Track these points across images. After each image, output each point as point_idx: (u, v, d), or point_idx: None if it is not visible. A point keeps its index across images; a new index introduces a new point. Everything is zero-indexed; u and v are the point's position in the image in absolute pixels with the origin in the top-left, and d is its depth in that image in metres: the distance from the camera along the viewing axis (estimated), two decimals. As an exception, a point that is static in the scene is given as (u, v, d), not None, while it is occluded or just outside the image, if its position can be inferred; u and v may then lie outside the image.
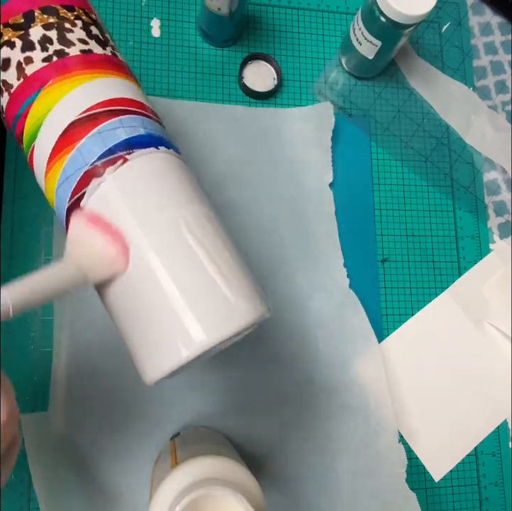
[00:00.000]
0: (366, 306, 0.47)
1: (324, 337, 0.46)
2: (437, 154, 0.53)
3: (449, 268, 0.51)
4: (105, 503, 0.40)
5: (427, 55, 0.55)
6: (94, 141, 0.28)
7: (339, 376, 0.46)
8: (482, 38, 0.57)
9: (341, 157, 0.50)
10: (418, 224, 0.51)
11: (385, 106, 0.53)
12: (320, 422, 0.45)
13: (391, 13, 0.43)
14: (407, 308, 0.49)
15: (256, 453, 0.43)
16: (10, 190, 0.44)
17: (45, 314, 0.43)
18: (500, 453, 0.49)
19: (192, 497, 0.28)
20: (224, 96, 0.50)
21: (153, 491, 0.32)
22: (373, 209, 0.51)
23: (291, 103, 0.51)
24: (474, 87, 0.56)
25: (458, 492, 0.47)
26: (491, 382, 0.49)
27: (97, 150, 0.28)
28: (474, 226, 0.53)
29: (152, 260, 0.27)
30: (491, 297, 0.51)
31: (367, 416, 0.45)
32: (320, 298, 0.47)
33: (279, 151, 0.49)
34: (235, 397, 0.44)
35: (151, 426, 0.42)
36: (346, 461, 0.45)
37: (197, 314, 0.26)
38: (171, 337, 0.26)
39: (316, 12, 0.53)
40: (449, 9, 0.57)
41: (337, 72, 0.53)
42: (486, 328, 0.50)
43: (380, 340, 0.48)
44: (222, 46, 0.50)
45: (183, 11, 0.51)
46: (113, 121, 0.29)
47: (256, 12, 0.52)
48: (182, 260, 0.27)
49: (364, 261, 0.49)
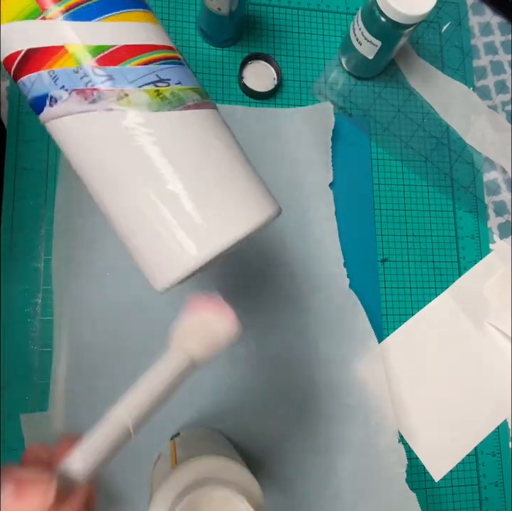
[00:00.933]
0: (366, 306, 0.47)
1: (324, 337, 0.46)
2: (437, 154, 0.53)
3: (449, 268, 0.51)
4: (105, 503, 0.40)
5: (427, 55, 0.55)
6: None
7: (339, 376, 0.46)
8: (482, 38, 0.57)
9: (341, 157, 0.50)
10: (418, 224, 0.51)
11: (385, 106, 0.53)
12: (320, 422, 0.45)
13: (391, 13, 0.43)
14: (407, 308, 0.49)
15: (256, 453, 0.43)
16: (11, 190, 0.44)
17: (45, 315, 0.43)
18: (500, 453, 0.49)
19: (192, 497, 0.28)
20: (224, 96, 0.50)
21: (153, 491, 0.32)
22: (373, 209, 0.51)
23: (291, 103, 0.51)
24: (474, 87, 0.56)
25: (458, 492, 0.47)
26: (491, 382, 0.49)
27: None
28: (474, 226, 0.53)
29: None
30: (491, 297, 0.51)
31: (367, 416, 0.45)
32: (320, 298, 0.47)
33: (279, 151, 0.49)
34: (234, 397, 0.44)
35: (151, 426, 0.42)
36: (346, 461, 0.45)
37: (205, 217, 0.27)
38: (181, 241, 0.26)
39: (316, 12, 0.53)
40: (449, 9, 0.57)
41: (337, 72, 0.53)
42: (486, 328, 0.50)
43: (380, 340, 0.48)
44: (222, 46, 0.50)
45: (183, 11, 0.51)
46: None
47: (256, 12, 0.52)
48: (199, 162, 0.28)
49: (364, 261, 0.49)
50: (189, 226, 0.26)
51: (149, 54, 0.28)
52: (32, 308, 0.43)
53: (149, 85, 0.28)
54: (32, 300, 0.43)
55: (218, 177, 0.28)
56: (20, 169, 0.44)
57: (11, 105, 0.45)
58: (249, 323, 0.45)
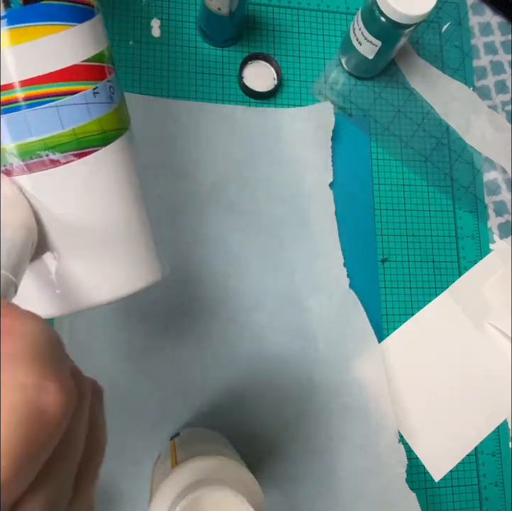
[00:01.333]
0: (366, 306, 0.47)
1: (324, 337, 0.46)
2: (437, 154, 0.53)
3: (449, 268, 0.51)
4: (105, 503, 0.40)
5: (427, 55, 0.55)
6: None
7: (339, 376, 0.46)
8: (482, 38, 0.57)
9: (341, 157, 0.50)
10: (418, 224, 0.51)
11: (385, 106, 0.53)
12: (320, 422, 0.45)
13: (391, 13, 0.43)
14: (407, 308, 0.49)
15: (256, 453, 0.43)
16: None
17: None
18: (500, 453, 0.49)
19: (192, 497, 0.28)
20: (224, 96, 0.50)
21: (153, 491, 0.32)
22: (373, 209, 0.51)
23: (291, 103, 0.51)
24: (474, 87, 0.56)
25: (458, 492, 0.47)
26: (491, 382, 0.49)
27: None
28: (474, 226, 0.53)
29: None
30: (491, 297, 0.51)
31: (367, 416, 0.45)
32: (320, 298, 0.47)
33: (279, 151, 0.49)
34: (234, 398, 0.44)
35: (151, 426, 0.42)
36: (346, 461, 0.45)
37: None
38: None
39: (316, 12, 0.53)
40: (449, 9, 0.57)
41: (337, 72, 0.53)
42: (486, 328, 0.50)
43: (380, 340, 0.48)
44: (222, 46, 0.50)
45: (183, 11, 0.51)
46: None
47: (256, 12, 0.52)
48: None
49: (364, 261, 0.49)
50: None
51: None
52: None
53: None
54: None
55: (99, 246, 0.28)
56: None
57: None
58: (248, 323, 0.45)
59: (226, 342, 0.45)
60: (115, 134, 0.27)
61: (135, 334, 0.43)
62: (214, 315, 0.45)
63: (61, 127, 0.24)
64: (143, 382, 0.43)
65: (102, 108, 0.26)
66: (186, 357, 0.44)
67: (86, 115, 0.25)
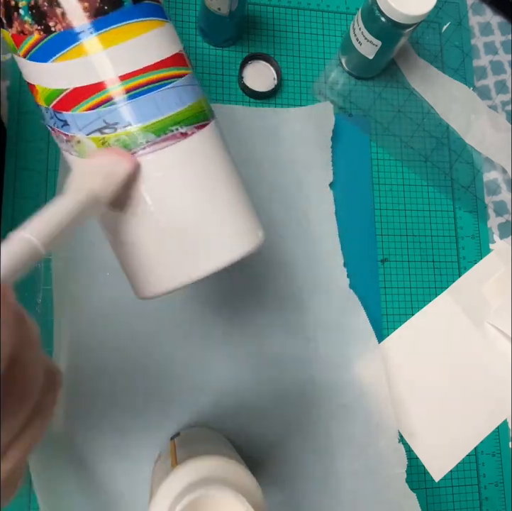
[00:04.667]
0: (366, 306, 0.47)
1: (324, 337, 0.46)
2: (437, 154, 0.53)
3: (449, 268, 0.51)
4: (105, 503, 0.40)
5: (427, 55, 0.55)
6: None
7: (339, 376, 0.46)
8: (482, 38, 0.57)
9: (341, 157, 0.50)
10: (418, 224, 0.51)
11: (385, 106, 0.53)
12: (320, 422, 0.45)
13: (391, 13, 0.43)
14: (407, 308, 0.49)
15: (256, 453, 0.43)
16: (11, 190, 0.44)
17: (45, 314, 0.43)
18: (500, 453, 0.49)
19: (192, 497, 0.28)
20: (224, 96, 0.50)
21: (153, 491, 0.32)
22: (373, 209, 0.51)
23: (291, 103, 0.51)
24: (474, 87, 0.56)
25: (458, 492, 0.47)
26: (491, 382, 0.49)
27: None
28: (474, 226, 0.53)
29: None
30: (491, 297, 0.51)
31: (367, 416, 0.45)
32: (320, 298, 0.47)
33: (279, 151, 0.49)
34: (234, 397, 0.44)
35: (151, 426, 0.42)
36: (346, 461, 0.45)
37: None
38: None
39: (316, 12, 0.53)
40: (449, 9, 0.57)
41: (337, 72, 0.53)
42: (486, 328, 0.50)
43: (380, 340, 0.48)
44: (222, 46, 0.50)
45: (183, 11, 0.51)
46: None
47: (256, 12, 0.52)
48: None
49: (364, 261, 0.49)
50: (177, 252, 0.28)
51: (98, 95, 0.26)
52: (32, 308, 0.43)
53: (95, 133, 0.27)
54: (32, 300, 0.43)
55: (206, 214, 0.29)
56: (20, 169, 0.44)
57: (11, 105, 0.45)
58: (249, 322, 0.45)
59: (226, 342, 0.45)
60: (212, 113, 0.31)
61: (136, 334, 0.43)
62: (215, 315, 0.45)
63: (182, 104, 0.28)
64: (143, 382, 0.43)
65: (200, 89, 0.30)
66: (186, 357, 0.44)
67: (195, 94, 0.29)
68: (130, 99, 0.27)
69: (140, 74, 0.27)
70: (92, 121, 0.26)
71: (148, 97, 0.27)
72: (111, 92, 0.26)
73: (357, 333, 0.46)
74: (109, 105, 0.26)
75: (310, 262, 0.47)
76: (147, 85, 0.27)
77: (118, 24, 0.26)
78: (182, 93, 0.28)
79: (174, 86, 0.28)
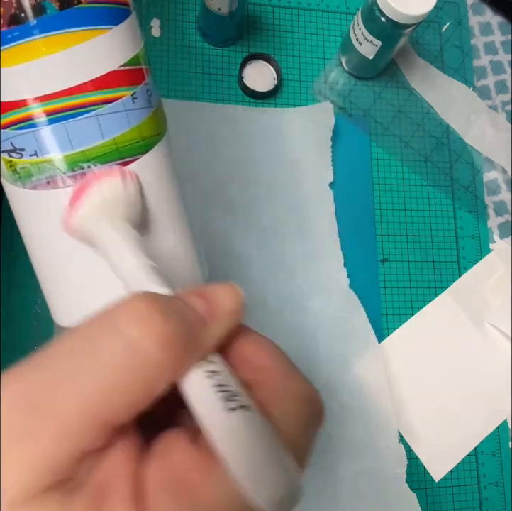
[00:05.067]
0: (366, 306, 0.47)
1: (324, 337, 0.46)
2: (437, 154, 0.53)
3: (449, 268, 0.51)
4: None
5: (427, 55, 0.55)
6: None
7: (339, 376, 0.46)
8: (482, 38, 0.57)
9: (341, 157, 0.50)
10: (418, 224, 0.51)
11: (385, 106, 0.53)
12: (320, 422, 0.45)
13: (391, 13, 0.43)
14: (407, 308, 0.49)
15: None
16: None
17: (45, 314, 0.43)
18: (500, 453, 0.49)
19: None
20: (224, 96, 0.50)
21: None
22: (373, 209, 0.51)
23: (291, 103, 0.51)
24: (474, 87, 0.56)
25: (458, 492, 0.47)
26: (491, 381, 0.49)
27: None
28: (474, 226, 0.53)
29: None
30: (491, 297, 0.51)
31: (367, 416, 0.45)
32: (320, 298, 0.47)
33: (279, 151, 0.49)
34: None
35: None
36: (346, 461, 0.45)
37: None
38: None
39: (316, 12, 0.53)
40: (449, 9, 0.57)
41: (337, 72, 0.53)
42: (486, 328, 0.50)
43: (380, 340, 0.48)
44: (222, 46, 0.50)
45: (183, 11, 0.51)
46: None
47: (256, 12, 0.52)
48: None
49: (364, 261, 0.49)
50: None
51: (9, 114, 0.22)
52: (32, 308, 0.43)
53: (4, 153, 0.23)
54: (32, 300, 0.43)
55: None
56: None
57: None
58: (248, 323, 0.45)
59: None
60: (155, 140, 0.26)
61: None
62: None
63: (101, 137, 0.23)
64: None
65: (141, 114, 0.24)
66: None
67: (126, 123, 0.24)
68: (39, 126, 0.22)
69: (51, 100, 0.22)
70: (3, 141, 0.23)
71: (59, 126, 0.22)
72: (19, 116, 0.22)
73: (357, 333, 0.46)
74: (21, 127, 0.22)
75: (311, 262, 0.47)
76: (58, 113, 0.22)
77: (33, 37, 0.21)
78: (105, 123, 0.23)
79: (95, 115, 0.23)
